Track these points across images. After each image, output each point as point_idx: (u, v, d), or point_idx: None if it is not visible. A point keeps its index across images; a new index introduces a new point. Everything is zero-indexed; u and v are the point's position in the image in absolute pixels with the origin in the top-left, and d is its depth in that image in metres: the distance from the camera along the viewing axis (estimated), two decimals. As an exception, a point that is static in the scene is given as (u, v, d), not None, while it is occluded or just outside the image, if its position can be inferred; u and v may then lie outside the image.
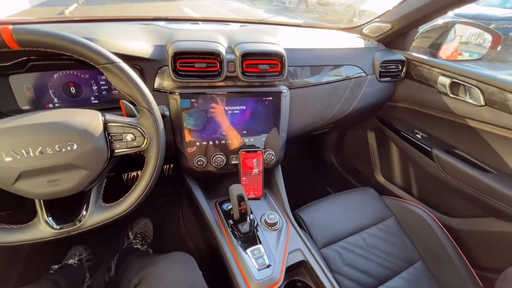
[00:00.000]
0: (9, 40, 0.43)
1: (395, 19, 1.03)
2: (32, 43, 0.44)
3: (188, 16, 1.14)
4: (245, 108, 0.80)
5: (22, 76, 0.66)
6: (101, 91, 0.74)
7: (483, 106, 0.87)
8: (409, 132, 1.12)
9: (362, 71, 1.02)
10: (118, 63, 0.50)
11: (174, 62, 0.71)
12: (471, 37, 1.36)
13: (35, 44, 0.45)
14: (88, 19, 0.92)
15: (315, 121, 0.99)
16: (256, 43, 0.78)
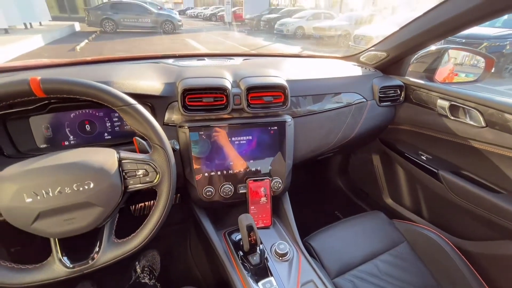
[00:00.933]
0: (36, 90, 0.47)
1: (390, 48, 1.09)
2: (57, 91, 0.48)
3: (194, 52, 1.21)
4: (251, 138, 0.83)
5: (42, 117, 0.70)
6: (114, 127, 0.78)
7: (484, 127, 0.88)
8: (414, 154, 1.13)
9: (362, 97, 1.05)
10: (133, 105, 0.54)
11: (183, 98, 0.75)
12: (465, 58, 1.41)
13: (60, 92, 0.49)
14: (102, 60, 0.99)
15: (319, 147, 1.01)
16: (260, 77, 0.83)
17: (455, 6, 0.81)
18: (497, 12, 0.73)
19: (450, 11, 0.83)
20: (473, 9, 0.75)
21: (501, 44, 5.61)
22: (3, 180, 0.46)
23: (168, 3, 39.47)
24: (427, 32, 0.93)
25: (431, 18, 0.91)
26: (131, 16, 10.96)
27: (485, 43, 5.68)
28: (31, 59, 3.88)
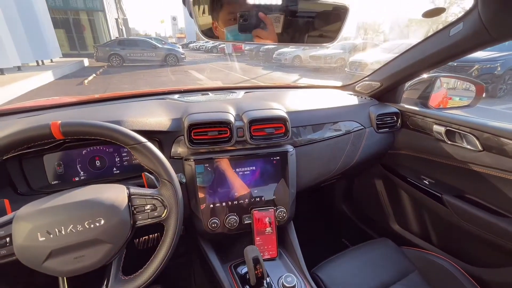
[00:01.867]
0: (56, 133, 0.51)
1: (383, 78, 1.16)
2: (75, 133, 0.52)
3: (198, 87, 1.28)
4: (255, 169, 0.85)
5: (55, 155, 0.74)
6: (123, 161, 0.81)
7: (481, 151, 0.90)
8: (416, 179, 1.14)
9: (360, 125, 1.09)
10: (144, 143, 0.58)
11: (189, 133, 0.79)
12: (457, 83, 1.48)
13: (78, 134, 0.52)
14: (112, 97, 1.05)
15: (322, 174, 1.03)
16: (261, 110, 0.88)
17: (440, 40, 0.88)
18: (479, 46, 0.79)
19: (436, 45, 0.90)
20: (458, 43, 0.82)
21: (492, 66, 5.83)
22: (19, 220, 0.48)
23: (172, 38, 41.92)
24: (417, 63, 0.99)
25: (420, 51, 0.98)
26: (137, 51, 11.63)
27: (477, 66, 5.90)
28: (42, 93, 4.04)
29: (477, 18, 0.73)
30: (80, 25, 17.53)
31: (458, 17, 0.82)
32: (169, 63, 11.87)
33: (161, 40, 15.35)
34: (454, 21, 0.84)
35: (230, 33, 0.57)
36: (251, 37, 0.56)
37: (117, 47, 11.43)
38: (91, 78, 7.91)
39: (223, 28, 0.56)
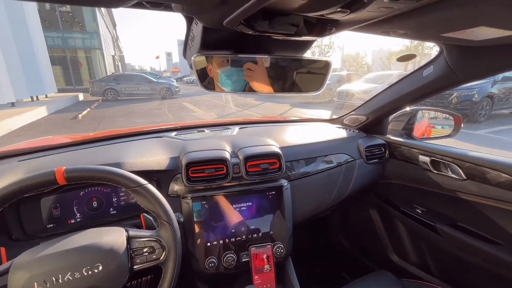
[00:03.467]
0: (60, 179, 0.53)
1: (368, 112, 1.24)
2: (78, 179, 0.54)
3: (194, 123, 1.33)
4: (251, 204, 0.87)
5: (52, 197, 0.74)
6: (120, 201, 0.82)
7: (466, 180, 0.95)
8: (409, 208, 1.16)
9: (351, 157, 1.14)
10: (144, 185, 0.60)
11: (187, 171, 0.81)
12: (438, 113, 1.58)
13: (81, 179, 0.54)
14: (110, 136, 1.08)
15: (317, 207, 1.05)
16: (256, 146, 0.92)
17: (415, 80, 0.98)
18: (448, 86, 0.88)
19: (412, 84, 0.99)
20: (430, 83, 0.91)
21: (469, 93, 6.22)
22: (16, 269, 0.48)
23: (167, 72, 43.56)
24: (398, 100, 1.08)
25: (399, 88, 1.07)
26: (132, 85, 11.95)
27: (455, 94, 6.29)
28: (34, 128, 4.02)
29: (444, 62, 0.83)
30: (77, 62, 18.12)
31: (429, 60, 0.93)
32: (163, 96, 12.19)
33: (156, 75, 15.92)
34: (425, 63, 0.94)
35: (223, 73, 0.63)
36: (244, 82, 0.62)
37: (113, 82, 11.75)
38: (85, 113, 7.98)
39: (217, 69, 0.62)
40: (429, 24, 0.45)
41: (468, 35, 0.51)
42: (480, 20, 0.42)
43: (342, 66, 21.77)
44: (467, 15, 0.40)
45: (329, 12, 0.37)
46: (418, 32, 0.52)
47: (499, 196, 0.86)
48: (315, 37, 0.50)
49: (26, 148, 0.91)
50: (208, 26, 0.44)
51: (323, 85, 0.57)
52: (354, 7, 0.33)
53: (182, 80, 27.49)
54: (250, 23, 0.41)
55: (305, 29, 0.46)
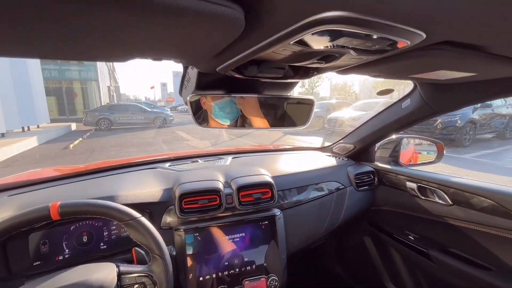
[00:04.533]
0: (54, 214, 0.53)
1: (356, 141, 1.30)
2: (73, 213, 0.55)
3: (188, 153, 1.36)
4: (245, 235, 0.86)
5: (41, 233, 0.73)
6: (111, 235, 0.81)
7: (452, 205, 0.98)
8: (402, 234, 1.17)
9: (341, 184, 1.17)
10: (137, 219, 0.60)
11: (180, 202, 0.82)
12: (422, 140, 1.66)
13: (75, 214, 0.55)
14: (104, 168, 1.08)
15: (311, 235, 1.05)
16: (248, 176, 0.94)
17: (395, 111, 1.05)
18: (425, 118, 0.96)
19: (393, 115, 1.07)
20: (408, 115, 0.98)
21: (452, 119, 6.52)
22: None
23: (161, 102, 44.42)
24: (381, 129, 1.15)
25: (382, 118, 1.14)
26: (126, 114, 12.07)
27: (440, 120, 6.58)
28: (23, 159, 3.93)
29: (419, 96, 0.91)
30: (72, 93, 18.35)
31: (406, 94, 1.01)
32: (157, 125, 12.29)
33: (150, 104, 16.18)
34: (403, 96, 1.02)
35: (217, 105, 0.68)
36: (237, 113, 0.66)
37: (107, 111, 11.86)
38: (76, 142, 7.91)
39: (211, 102, 0.67)
40: (396, 69, 0.52)
41: (433, 76, 0.58)
42: (439, 65, 0.49)
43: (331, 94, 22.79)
44: (426, 62, 0.46)
45: (308, 63, 0.42)
46: (389, 74, 0.59)
47: (485, 221, 0.89)
48: (299, 79, 0.56)
49: (16, 182, 0.91)
50: (203, 72, 0.49)
51: (308, 120, 0.62)
52: (328, 59, 0.39)
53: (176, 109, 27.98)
54: (240, 70, 0.47)
55: (291, 72, 0.51)
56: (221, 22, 0.25)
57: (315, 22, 0.26)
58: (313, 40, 0.31)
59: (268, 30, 0.29)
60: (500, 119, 7.11)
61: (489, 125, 6.99)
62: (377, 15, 0.27)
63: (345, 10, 0.26)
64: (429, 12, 0.28)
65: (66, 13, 0.22)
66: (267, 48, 0.33)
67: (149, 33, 0.27)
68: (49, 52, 0.34)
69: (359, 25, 0.28)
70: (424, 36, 0.32)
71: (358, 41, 0.31)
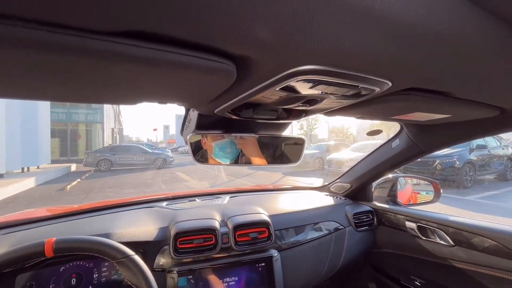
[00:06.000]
0: (48, 251, 0.53)
1: (352, 180, 1.32)
2: (67, 250, 0.55)
3: (186, 192, 1.36)
4: (240, 278, 0.83)
5: (29, 274, 0.70)
6: (101, 278, 0.77)
7: (454, 246, 0.96)
8: (407, 280, 1.11)
9: (340, 224, 1.15)
10: (131, 257, 0.60)
11: (175, 241, 0.81)
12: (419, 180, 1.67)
13: (69, 250, 0.55)
14: (101, 207, 1.08)
15: (310, 280, 0.99)
16: (245, 215, 0.94)
17: (386, 151, 1.10)
18: (414, 157, 1.00)
19: (385, 154, 1.11)
20: (398, 154, 1.02)
21: (450, 160, 6.57)
22: None
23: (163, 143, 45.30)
24: (375, 168, 1.18)
25: (375, 158, 1.18)
26: (128, 155, 12.19)
27: (438, 160, 6.63)
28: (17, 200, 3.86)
29: (407, 136, 0.96)
30: (76, 134, 18.83)
31: (395, 134, 1.07)
32: (157, 166, 12.31)
33: (151, 146, 16.47)
34: (393, 136, 1.08)
35: (217, 146, 0.72)
36: (237, 152, 0.70)
37: (108, 152, 12.00)
38: (74, 183, 7.83)
39: (211, 142, 0.71)
40: (376, 111, 0.58)
41: (412, 117, 0.64)
42: (413, 108, 0.55)
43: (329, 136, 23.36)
44: (401, 106, 0.52)
45: (295, 106, 0.48)
46: (372, 116, 0.65)
47: (489, 263, 0.86)
48: (292, 120, 0.62)
49: (10, 221, 0.90)
50: (202, 113, 0.55)
51: (300, 157, 0.66)
52: (312, 103, 0.45)
53: (177, 150, 28.36)
54: (236, 112, 0.52)
55: (284, 114, 0.57)
56: (217, 74, 0.30)
57: (294, 73, 0.32)
58: (296, 87, 0.36)
59: (256, 79, 0.35)
60: (498, 160, 7.17)
61: (489, 165, 7.02)
62: (344, 67, 0.33)
63: (316, 64, 0.31)
64: (391, 64, 0.34)
65: (94, 65, 0.27)
66: (256, 93, 0.39)
67: (158, 82, 0.32)
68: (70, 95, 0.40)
69: (330, 75, 0.34)
70: (390, 84, 0.38)
71: (333, 88, 0.37)
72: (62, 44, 0.23)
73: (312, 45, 0.27)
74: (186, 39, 0.25)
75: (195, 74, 0.30)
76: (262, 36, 0.24)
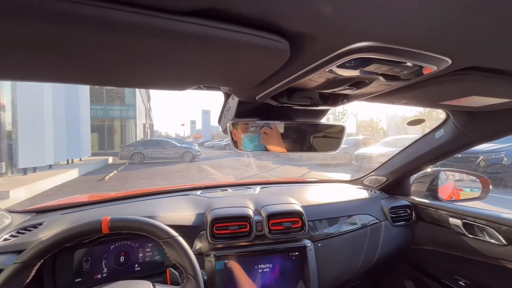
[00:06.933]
0: (104, 228, 0.59)
1: (388, 173, 1.26)
2: (121, 228, 0.60)
3: (218, 183, 1.40)
4: (274, 265, 0.84)
5: (85, 250, 0.78)
6: (145, 257, 0.83)
7: (507, 245, 0.88)
8: (449, 279, 1.04)
9: (375, 218, 1.11)
10: (175, 237, 0.63)
11: (212, 227, 0.84)
12: (463, 174, 1.54)
13: (123, 229, 0.60)
14: (142, 194, 1.16)
15: (344, 273, 0.98)
16: (278, 205, 0.95)
17: (429, 142, 1.03)
18: (461, 148, 0.92)
19: (426, 146, 1.04)
20: (442, 145, 0.95)
21: (497, 156, 5.96)
22: None
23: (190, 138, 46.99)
24: (414, 161, 1.11)
25: (415, 150, 1.11)
26: (158, 149, 12.85)
27: (482, 157, 6.05)
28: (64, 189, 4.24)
29: (453, 125, 0.89)
30: (112, 130, 20.26)
31: (439, 123, 1.00)
32: (185, 159, 12.82)
33: (179, 140, 17.16)
34: (436, 127, 1.01)
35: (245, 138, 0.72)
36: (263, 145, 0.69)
37: (141, 146, 12.76)
38: (112, 174, 8.44)
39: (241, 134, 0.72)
40: (426, 95, 0.54)
41: (465, 102, 0.59)
42: (469, 91, 0.50)
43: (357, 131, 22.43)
44: (456, 88, 0.48)
45: (339, 90, 0.47)
46: (418, 101, 0.61)
47: None
48: (330, 106, 0.60)
49: (67, 203, 1.00)
50: (243, 100, 0.56)
51: (339, 145, 0.64)
52: (359, 86, 0.43)
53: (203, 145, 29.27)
54: (276, 98, 0.52)
55: (320, 101, 0.56)
56: (271, 53, 0.30)
57: (349, 51, 0.31)
58: (346, 67, 0.35)
59: (309, 59, 0.34)
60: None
61: (544, 162, 6.25)
62: (403, 43, 0.31)
63: (374, 41, 0.30)
64: (453, 39, 0.31)
65: (159, 46, 0.28)
66: (305, 76, 0.38)
67: (212, 64, 0.33)
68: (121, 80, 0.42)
69: (387, 52, 0.32)
70: (450, 62, 0.35)
71: (386, 67, 0.35)
72: (131, 23, 0.23)
73: (374, 19, 0.26)
74: (246, 15, 0.25)
75: (249, 53, 0.30)
76: (324, 10, 0.24)
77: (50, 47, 0.27)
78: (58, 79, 0.40)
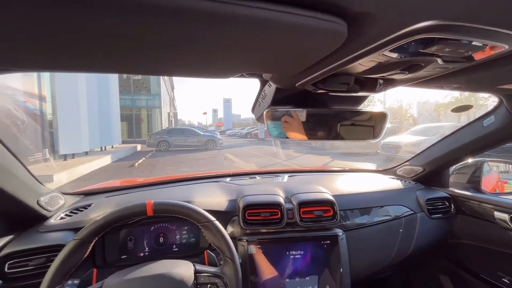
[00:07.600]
0: (149, 211, 0.62)
1: (425, 163, 1.19)
2: (163, 211, 0.63)
3: (246, 171, 1.42)
4: (306, 252, 0.85)
5: (129, 230, 0.84)
6: (182, 239, 0.88)
7: None
8: (492, 276, 0.98)
9: (410, 209, 1.07)
10: (213, 221, 0.66)
11: (244, 213, 0.86)
12: (510, 165, 1.41)
13: (165, 212, 0.63)
14: (175, 179, 1.21)
15: (376, 263, 0.96)
16: (309, 193, 0.94)
17: (475, 130, 0.95)
18: None
19: (473, 134, 0.96)
20: (492, 133, 0.87)
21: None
22: (108, 287, 0.55)
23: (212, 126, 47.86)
24: (457, 150, 1.04)
25: (458, 138, 1.04)
26: (182, 137, 13.29)
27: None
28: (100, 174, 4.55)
29: (506, 112, 0.81)
30: (139, 119, 21.24)
31: (489, 110, 0.91)
32: (208, 147, 13.15)
33: (202, 128, 17.57)
34: (485, 113, 0.92)
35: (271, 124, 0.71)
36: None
37: (166, 134, 13.27)
38: (140, 161, 8.93)
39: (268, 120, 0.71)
40: (484, 78, 0.49)
41: (529, 85, 0.53)
42: None
43: (384, 118, 21.27)
44: None
45: (388, 74, 0.44)
46: (473, 86, 0.55)
47: None
48: (365, 93, 0.57)
49: (110, 187, 1.08)
50: (281, 87, 0.55)
51: (381, 133, 0.61)
52: (412, 69, 0.40)
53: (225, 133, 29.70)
54: (315, 84, 0.51)
55: (358, 86, 0.53)
56: (324, 36, 0.29)
57: (411, 31, 0.29)
58: (404, 49, 0.33)
59: (365, 42, 0.32)
60: None
61: None
62: (473, 20, 0.28)
63: (440, 19, 0.27)
64: None
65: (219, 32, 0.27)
66: (355, 60, 0.36)
67: (263, 48, 0.33)
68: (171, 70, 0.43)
69: (453, 31, 0.29)
70: None
71: (450, 47, 0.32)
72: (198, 10, 0.23)
73: None
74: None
75: (303, 36, 0.29)
76: None
77: (128, 40, 0.29)
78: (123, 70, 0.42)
